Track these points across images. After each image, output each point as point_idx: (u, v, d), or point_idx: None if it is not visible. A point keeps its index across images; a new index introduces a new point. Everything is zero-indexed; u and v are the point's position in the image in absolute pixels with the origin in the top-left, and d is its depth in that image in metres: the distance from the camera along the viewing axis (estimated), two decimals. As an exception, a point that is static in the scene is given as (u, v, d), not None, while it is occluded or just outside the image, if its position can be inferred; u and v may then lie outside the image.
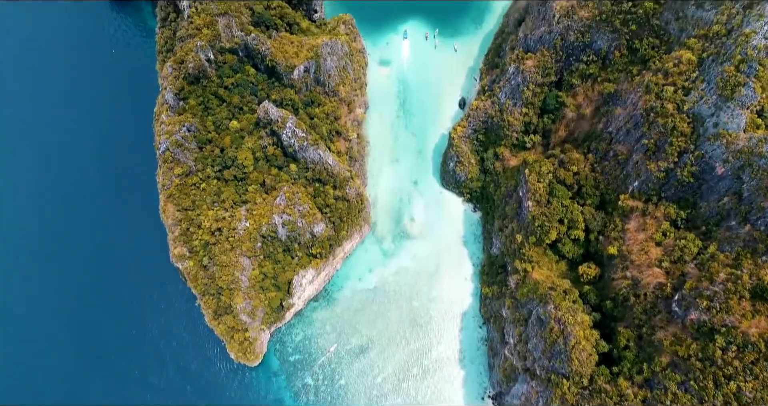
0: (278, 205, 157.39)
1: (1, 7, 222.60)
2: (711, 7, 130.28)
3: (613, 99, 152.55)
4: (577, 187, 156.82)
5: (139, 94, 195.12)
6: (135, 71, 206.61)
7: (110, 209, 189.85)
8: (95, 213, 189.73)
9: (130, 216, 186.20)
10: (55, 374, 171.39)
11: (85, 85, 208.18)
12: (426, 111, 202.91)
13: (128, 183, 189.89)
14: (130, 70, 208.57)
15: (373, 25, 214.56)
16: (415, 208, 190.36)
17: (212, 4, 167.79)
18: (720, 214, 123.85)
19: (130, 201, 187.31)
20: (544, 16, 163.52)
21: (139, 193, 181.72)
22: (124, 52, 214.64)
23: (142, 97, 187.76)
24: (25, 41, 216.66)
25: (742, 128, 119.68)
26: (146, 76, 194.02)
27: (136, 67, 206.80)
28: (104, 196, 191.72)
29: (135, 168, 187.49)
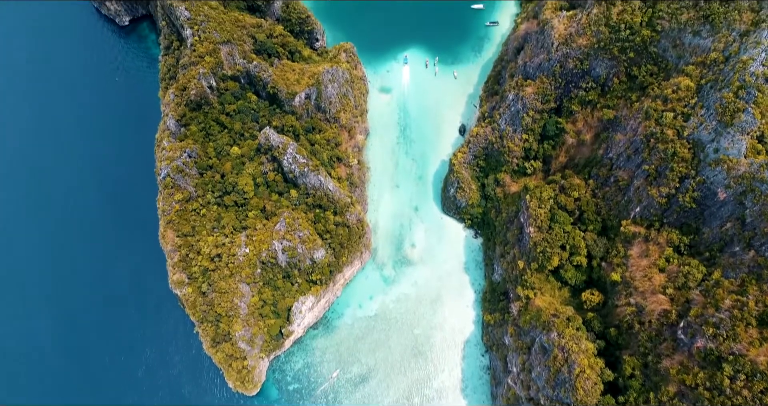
0: (278, 231, 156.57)
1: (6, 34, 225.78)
2: (708, 34, 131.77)
3: (613, 125, 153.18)
4: (579, 213, 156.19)
5: (141, 120, 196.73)
6: (137, 98, 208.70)
7: (109, 235, 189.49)
8: (94, 239, 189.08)
9: (129, 242, 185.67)
10: (50, 401, 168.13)
11: (88, 112, 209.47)
12: (426, 137, 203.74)
13: (128, 209, 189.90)
14: (133, 97, 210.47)
15: (374, 53, 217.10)
16: (415, 234, 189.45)
17: (215, 32, 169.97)
18: (723, 239, 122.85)
19: (130, 227, 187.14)
20: (542, 44, 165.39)
21: (139, 219, 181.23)
22: (127, 79, 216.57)
23: (144, 124, 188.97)
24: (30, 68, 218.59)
25: (742, 154, 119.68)
26: (149, 103, 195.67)
27: (139, 95, 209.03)
28: (104, 222, 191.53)
29: (135, 194, 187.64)
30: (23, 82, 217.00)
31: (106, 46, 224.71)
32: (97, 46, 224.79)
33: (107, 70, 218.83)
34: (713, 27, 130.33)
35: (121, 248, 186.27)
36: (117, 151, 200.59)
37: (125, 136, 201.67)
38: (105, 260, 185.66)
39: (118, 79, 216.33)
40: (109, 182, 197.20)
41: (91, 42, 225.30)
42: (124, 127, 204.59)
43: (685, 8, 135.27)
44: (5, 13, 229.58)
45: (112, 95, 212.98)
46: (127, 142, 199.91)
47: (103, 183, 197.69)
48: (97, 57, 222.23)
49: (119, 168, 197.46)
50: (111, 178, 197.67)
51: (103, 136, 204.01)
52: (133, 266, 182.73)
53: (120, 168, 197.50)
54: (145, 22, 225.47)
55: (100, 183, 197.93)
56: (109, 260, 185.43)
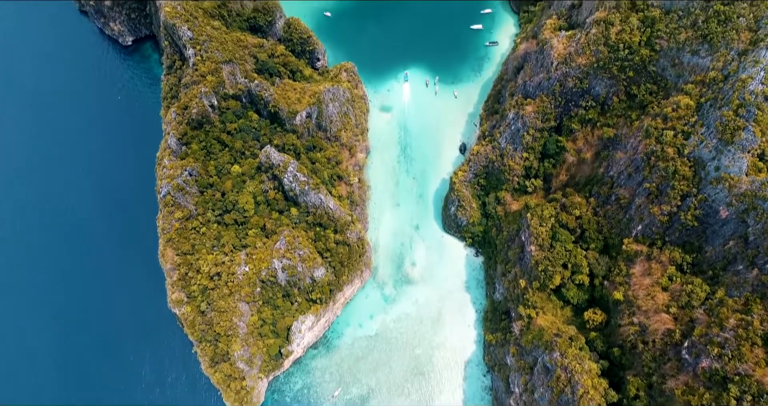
0: (278, 249, 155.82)
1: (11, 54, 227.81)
2: (706, 54, 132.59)
3: (613, 143, 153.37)
4: (580, 232, 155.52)
5: (142, 139, 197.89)
6: (139, 117, 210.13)
7: (109, 253, 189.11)
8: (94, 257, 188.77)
9: (128, 261, 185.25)
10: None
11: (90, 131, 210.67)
12: (427, 156, 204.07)
13: (128, 227, 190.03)
14: (135, 116, 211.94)
15: (375, 72, 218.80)
16: (416, 252, 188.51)
17: (217, 52, 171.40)
18: (726, 258, 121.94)
19: (130, 246, 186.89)
20: (542, 64, 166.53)
21: (139, 237, 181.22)
22: (129, 98, 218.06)
23: (145, 143, 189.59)
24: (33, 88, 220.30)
25: (744, 172, 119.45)
26: (150, 122, 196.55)
27: (141, 114, 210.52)
28: (104, 240, 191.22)
29: (136, 212, 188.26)
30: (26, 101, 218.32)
31: (109, 65, 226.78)
32: (100, 65, 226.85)
33: (110, 90, 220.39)
34: (711, 46, 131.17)
35: (120, 266, 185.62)
36: (118, 169, 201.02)
37: (126, 155, 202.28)
38: (104, 279, 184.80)
39: (120, 98, 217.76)
40: (110, 201, 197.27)
41: (95, 62, 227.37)
42: (125, 145, 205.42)
43: (683, 28, 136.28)
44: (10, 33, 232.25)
45: (114, 114, 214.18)
46: (128, 161, 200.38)
47: (104, 202, 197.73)
48: (99, 77, 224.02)
49: (120, 186, 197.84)
50: (112, 196, 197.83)
51: (105, 155, 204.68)
52: (132, 285, 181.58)
53: (121, 186, 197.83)
54: (148, 42, 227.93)
55: (100, 201, 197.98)
56: (108, 279, 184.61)
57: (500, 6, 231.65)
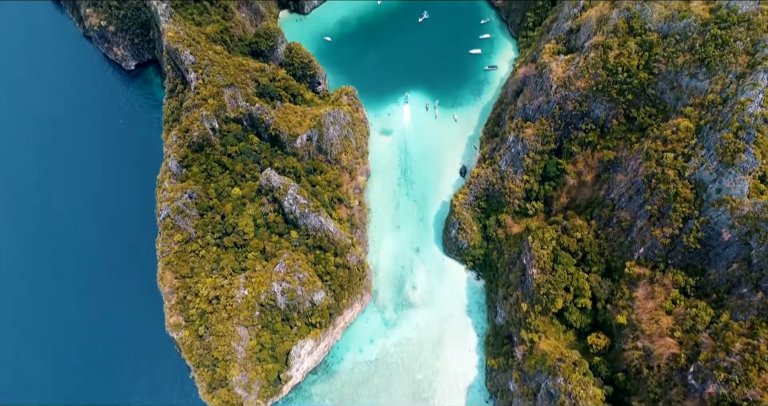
0: (278, 272, 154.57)
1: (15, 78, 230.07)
2: (704, 77, 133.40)
3: (614, 166, 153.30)
4: (582, 254, 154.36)
5: (143, 162, 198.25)
6: (140, 140, 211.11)
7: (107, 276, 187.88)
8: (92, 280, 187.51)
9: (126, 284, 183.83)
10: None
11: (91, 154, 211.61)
12: (427, 179, 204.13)
13: (127, 250, 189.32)
14: (136, 139, 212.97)
15: (375, 96, 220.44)
16: (417, 276, 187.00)
17: (219, 75, 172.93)
18: (730, 281, 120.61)
19: (128, 269, 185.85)
20: (541, 87, 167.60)
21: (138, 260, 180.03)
22: (131, 122, 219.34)
23: (146, 166, 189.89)
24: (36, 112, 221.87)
25: (745, 194, 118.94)
26: (151, 145, 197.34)
27: (142, 137, 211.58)
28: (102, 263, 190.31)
29: (135, 235, 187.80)
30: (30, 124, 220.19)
31: (112, 89, 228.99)
32: (103, 89, 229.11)
33: (112, 113, 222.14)
34: (709, 69, 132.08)
35: (118, 290, 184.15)
36: (118, 192, 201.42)
37: (127, 178, 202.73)
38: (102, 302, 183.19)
39: (122, 122, 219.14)
40: (110, 224, 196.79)
41: (98, 86, 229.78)
42: (126, 169, 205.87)
43: (681, 52, 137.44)
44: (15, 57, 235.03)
45: (115, 138, 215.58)
46: (128, 184, 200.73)
47: (104, 225, 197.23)
48: (102, 100, 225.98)
49: (120, 209, 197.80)
50: (112, 219, 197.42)
51: (106, 178, 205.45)
52: (130, 309, 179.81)
53: (121, 209, 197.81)
54: (150, 67, 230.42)
55: (100, 224, 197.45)
56: (106, 302, 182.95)
57: (499, 31, 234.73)
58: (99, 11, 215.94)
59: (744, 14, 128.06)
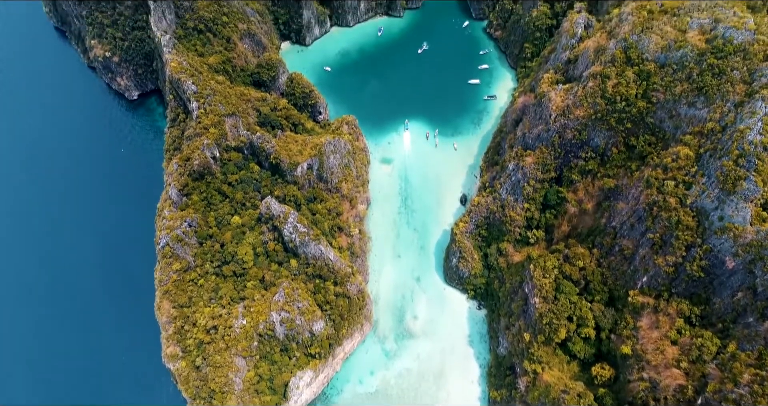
0: (277, 301, 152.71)
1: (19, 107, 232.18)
2: (703, 105, 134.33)
3: (614, 194, 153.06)
4: (584, 283, 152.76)
5: (143, 191, 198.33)
6: (141, 169, 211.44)
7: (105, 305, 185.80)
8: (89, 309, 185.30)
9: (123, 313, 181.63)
10: None
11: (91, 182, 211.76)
12: (428, 207, 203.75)
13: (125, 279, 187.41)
14: (137, 168, 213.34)
15: (376, 125, 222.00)
16: (417, 305, 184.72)
17: (221, 105, 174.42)
18: (736, 310, 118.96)
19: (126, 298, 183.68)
20: (540, 116, 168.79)
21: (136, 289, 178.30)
22: (133, 151, 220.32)
23: (146, 194, 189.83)
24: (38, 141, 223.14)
25: (748, 221, 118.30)
26: (152, 174, 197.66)
27: (143, 166, 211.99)
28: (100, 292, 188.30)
29: (133, 264, 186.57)
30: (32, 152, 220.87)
31: (115, 119, 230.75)
32: (106, 119, 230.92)
33: (114, 142, 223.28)
34: (707, 98, 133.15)
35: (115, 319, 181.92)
36: (118, 221, 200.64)
37: (127, 207, 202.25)
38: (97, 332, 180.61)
39: (123, 151, 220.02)
40: (109, 252, 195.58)
41: (100, 115, 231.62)
42: (126, 197, 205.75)
43: (679, 81, 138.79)
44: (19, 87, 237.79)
45: (116, 166, 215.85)
46: (128, 212, 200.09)
47: (103, 253, 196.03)
48: (104, 130, 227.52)
49: (119, 237, 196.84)
50: (111, 248, 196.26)
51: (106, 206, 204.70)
52: (126, 339, 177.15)
53: (120, 238, 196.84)
54: (153, 96, 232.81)
55: (99, 253, 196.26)
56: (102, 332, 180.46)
57: (498, 62, 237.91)
58: (104, 42, 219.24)
59: (739, 44, 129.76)
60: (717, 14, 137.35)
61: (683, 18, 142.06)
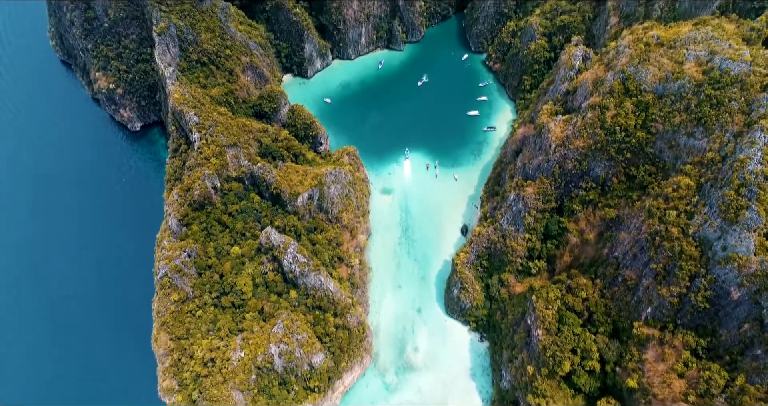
0: (276, 333, 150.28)
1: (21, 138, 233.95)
2: (702, 136, 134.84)
3: (616, 224, 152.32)
4: (588, 315, 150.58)
5: (143, 221, 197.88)
6: (142, 200, 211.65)
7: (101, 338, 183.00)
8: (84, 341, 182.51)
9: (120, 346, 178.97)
10: None
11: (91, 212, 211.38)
12: (428, 238, 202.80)
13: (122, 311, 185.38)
14: (138, 198, 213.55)
15: (376, 156, 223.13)
16: (419, 337, 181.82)
17: (222, 136, 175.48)
18: (743, 342, 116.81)
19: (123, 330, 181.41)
20: (540, 146, 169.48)
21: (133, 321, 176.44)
22: (134, 181, 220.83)
23: (146, 225, 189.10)
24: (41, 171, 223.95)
25: (752, 251, 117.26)
26: (153, 205, 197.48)
27: (144, 196, 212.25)
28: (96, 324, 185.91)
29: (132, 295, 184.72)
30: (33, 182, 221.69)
31: (117, 150, 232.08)
32: (108, 150, 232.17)
33: (115, 173, 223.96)
34: (706, 128, 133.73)
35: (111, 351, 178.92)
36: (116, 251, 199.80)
37: (126, 237, 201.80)
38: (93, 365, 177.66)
39: (124, 181, 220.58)
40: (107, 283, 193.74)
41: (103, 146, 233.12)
42: (125, 228, 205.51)
43: (677, 111, 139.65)
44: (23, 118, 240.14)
45: (117, 197, 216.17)
46: (127, 243, 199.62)
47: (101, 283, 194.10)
48: (106, 160, 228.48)
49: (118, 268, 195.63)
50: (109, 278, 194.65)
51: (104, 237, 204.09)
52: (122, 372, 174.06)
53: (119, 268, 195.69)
54: (156, 128, 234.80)
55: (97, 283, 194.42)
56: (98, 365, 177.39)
57: (497, 94, 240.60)
58: (108, 75, 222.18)
59: (736, 75, 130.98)
60: (713, 46, 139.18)
61: (680, 50, 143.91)
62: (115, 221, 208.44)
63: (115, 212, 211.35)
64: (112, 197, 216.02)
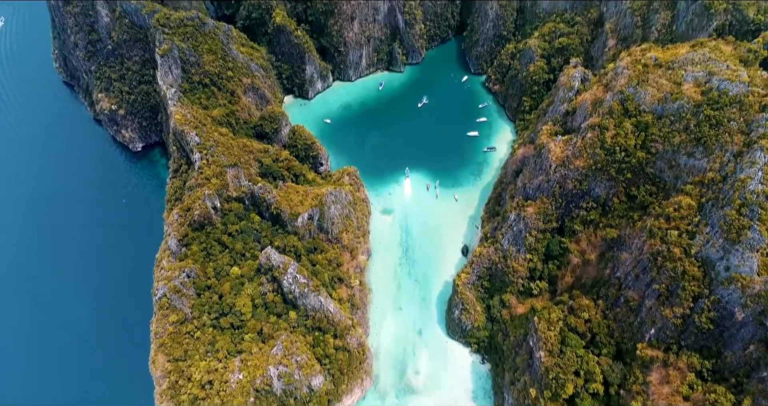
0: (275, 355, 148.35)
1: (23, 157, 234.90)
2: (702, 156, 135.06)
3: (617, 244, 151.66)
4: (590, 336, 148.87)
5: (143, 241, 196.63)
6: (142, 220, 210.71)
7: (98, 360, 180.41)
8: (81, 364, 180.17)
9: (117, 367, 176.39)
10: None
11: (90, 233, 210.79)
12: (429, 258, 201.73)
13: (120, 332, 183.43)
14: (138, 218, 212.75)
15: (377, 176, 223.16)
16: (419, 359, 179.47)
17: (223, 156, 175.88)
18: (749, 364, 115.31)
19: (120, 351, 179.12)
20: (540, 167, 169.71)
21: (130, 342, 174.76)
22: (134, 201, 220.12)
23: (145, 245, 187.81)
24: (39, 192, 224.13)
25: (755, 271, 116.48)
26: (153, 225, 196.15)
27: (144, 217, 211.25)
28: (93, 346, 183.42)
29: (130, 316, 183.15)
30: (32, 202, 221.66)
31: (118, 170, 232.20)
32: (109, 170, 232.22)
33: (115, 193, 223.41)
34: (706, 148, 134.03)
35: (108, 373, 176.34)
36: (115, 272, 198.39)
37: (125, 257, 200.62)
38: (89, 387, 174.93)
39: (125, 201, 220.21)
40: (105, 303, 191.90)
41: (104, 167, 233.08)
42: (125, 248, 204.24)
43: (677, 132, 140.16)
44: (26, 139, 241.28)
45: (117, 217, 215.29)
46: (126, 263, 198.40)
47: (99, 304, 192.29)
48: (107, 181, 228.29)
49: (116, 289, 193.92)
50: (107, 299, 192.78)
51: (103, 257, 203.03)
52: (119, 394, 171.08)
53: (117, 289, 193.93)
54: (157, 148, 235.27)
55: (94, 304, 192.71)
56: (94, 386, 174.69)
57: (497, 114, 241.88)
58: (110, 96, 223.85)
59: (735, 96, 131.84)
60: (710, 67, 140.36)
61: (678, 71, 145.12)
62: (114, 242, 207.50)
63: (115, 232, 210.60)
64: (112, 218, 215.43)
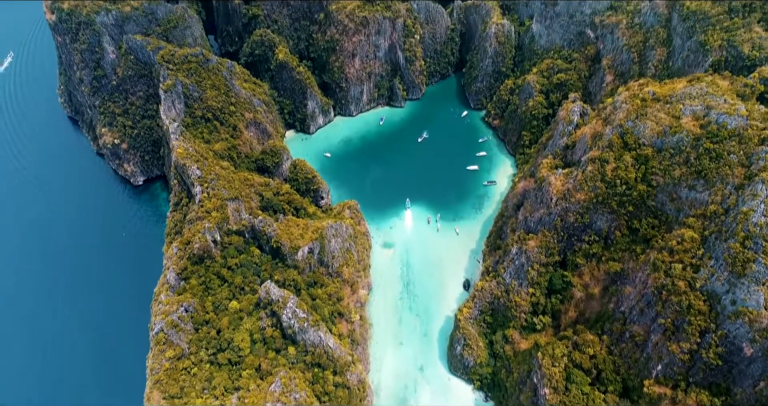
0: (273, 392, 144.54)
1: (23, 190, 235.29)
2: (703, 188, 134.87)
3: (621, 278, 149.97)
4: (596, 372, 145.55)
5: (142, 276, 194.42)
6: (141, 254, 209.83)
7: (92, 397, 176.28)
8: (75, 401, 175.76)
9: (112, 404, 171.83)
10: None
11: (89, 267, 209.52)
12: (430, 293, 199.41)
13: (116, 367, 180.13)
14: (138, 252, 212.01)
15: (377, 210, 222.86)
16: (421, 397, 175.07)
17: (224, 189, 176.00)
18: (760, 401, 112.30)
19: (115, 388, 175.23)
20: (541, 200, 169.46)
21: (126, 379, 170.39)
22: (134, 235, 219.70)
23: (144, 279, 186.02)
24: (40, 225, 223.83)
25: (762, 305, 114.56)
26: (152, 259, 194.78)
27: (144, 250, 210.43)
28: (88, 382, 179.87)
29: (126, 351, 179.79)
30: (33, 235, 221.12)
31: (119, 204, 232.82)
32: (110, 204, 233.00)
33: (116, 227, 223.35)
34: (707, 181, 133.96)
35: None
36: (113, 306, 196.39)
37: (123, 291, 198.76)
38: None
39: (124, 235, 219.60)
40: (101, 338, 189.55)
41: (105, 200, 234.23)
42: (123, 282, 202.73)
43: (677, 165, 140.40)
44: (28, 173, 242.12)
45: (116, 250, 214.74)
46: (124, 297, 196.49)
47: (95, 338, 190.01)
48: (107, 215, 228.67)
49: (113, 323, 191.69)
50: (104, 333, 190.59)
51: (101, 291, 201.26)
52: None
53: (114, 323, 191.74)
54: (158, 182, 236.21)
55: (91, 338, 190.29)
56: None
57: (497, 149, 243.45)
58: (113, 130, 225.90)
59: (734, 129, 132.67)
60: (708, 101, 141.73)
61: (676, 105, 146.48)
62: (113, 275, 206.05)
63: (114, 265, 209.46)
64: (111, 251, 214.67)
